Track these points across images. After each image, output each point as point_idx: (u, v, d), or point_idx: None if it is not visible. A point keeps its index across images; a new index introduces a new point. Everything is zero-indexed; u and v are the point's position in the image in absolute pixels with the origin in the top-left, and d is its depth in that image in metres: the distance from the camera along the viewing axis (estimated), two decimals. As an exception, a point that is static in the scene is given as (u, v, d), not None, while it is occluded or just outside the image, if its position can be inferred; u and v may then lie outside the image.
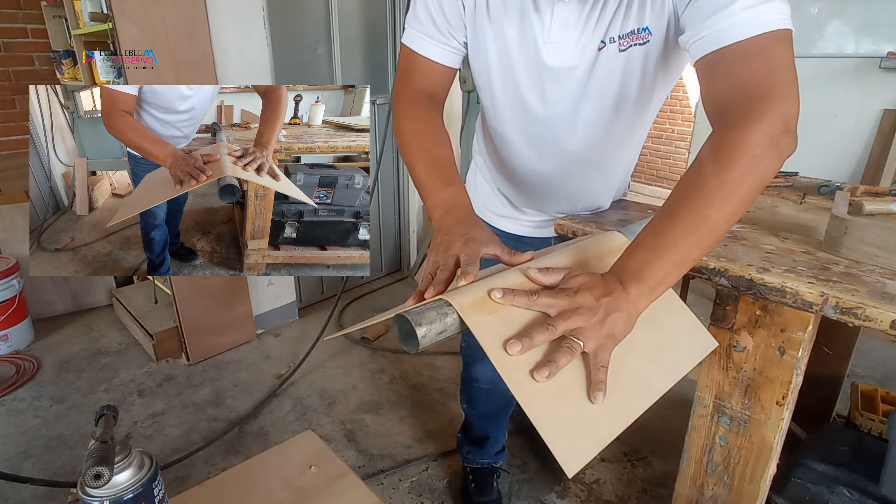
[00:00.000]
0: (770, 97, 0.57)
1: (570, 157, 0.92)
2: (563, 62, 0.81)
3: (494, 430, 1.45)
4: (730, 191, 0.55)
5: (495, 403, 1.38)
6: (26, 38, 2.82)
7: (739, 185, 0.55)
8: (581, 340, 0.53)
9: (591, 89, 0.82)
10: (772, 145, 0.56)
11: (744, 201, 0.57)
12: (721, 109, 0.61)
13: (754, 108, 0.57)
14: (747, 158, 0.56)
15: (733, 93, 0.60)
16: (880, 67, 2.40)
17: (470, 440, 1.48)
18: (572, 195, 1.02)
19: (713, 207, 0.55)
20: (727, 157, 0.56)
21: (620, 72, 0.80)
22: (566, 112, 0.86)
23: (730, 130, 0.58)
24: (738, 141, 0.56)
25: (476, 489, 1.47)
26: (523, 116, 0.90)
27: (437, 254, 0.65)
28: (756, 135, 0.56)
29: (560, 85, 0.83)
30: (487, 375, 1.32)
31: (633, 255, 0.58)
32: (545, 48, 0.81)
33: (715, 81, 0.63)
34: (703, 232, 0.56)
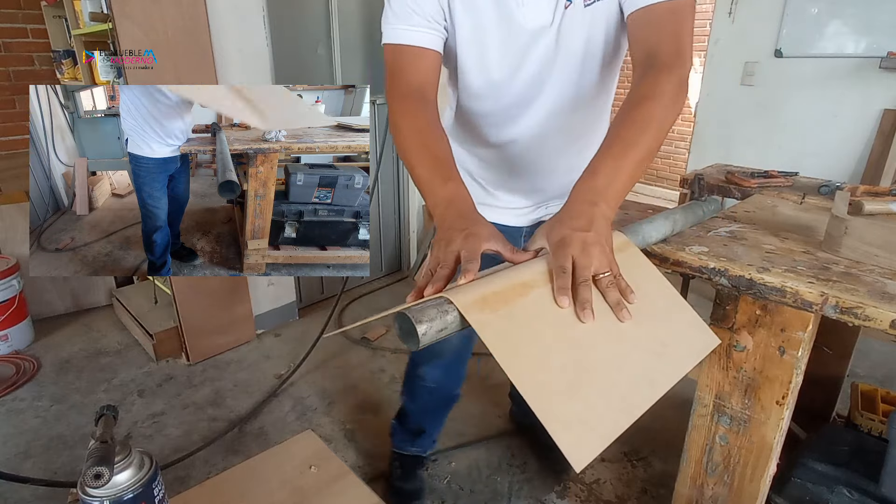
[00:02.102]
0: (682, 53, 0.75)
1: (541, 121, 0.94)
2: (538, 22, 0.83)
3: (431, 425, 1.49)
4: (662, 122, 0.71)
5: (437, 402, 1.43)
6: (26, 38, 2.82)
7: (666, 118, 0.72)
8: (589, 267, 0.60)
9: (561, 47, 0.86)
10: (682, 89, 0.73)
11: (667, 130, 0.73)
12: (648, 55, 0.76)
13: (672, 60, 0.74)
14: (670, 98, 0.72)
15: (659, 44, 0.75)
16: (880, 67, 2.40)
17: (404, 430, 1.50)
18: (546, 168, 1.02)
19: (651, 136, 0.70)
20: (660, 96, 0.71)
21: (587, 28, 0.84)
22: (538, 74, 0.88)
23: (659, 75, 0.73)
24: (664, 83, 0.72)
25: (401, 475, 1.50)
26: (497, 85, 0.91)
27: (438, 250, 0.65)
28: (676, 79, 0.73)
29: (533, 46, 0.86)
30: (435, 376, 1.35)
31: (597, 177, 0.68)
32: (520, 10, 0.83)
33: (644, 31, 0.78)
34: (645, 154, 0.70)
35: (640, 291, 0.62)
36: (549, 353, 0.55)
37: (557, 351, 0.56)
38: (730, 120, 3.01)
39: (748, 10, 2.81)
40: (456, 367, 1.38)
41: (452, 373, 1.39)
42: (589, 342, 0.57)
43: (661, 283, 0.71)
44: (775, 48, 2.74)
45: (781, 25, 2.70)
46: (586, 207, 0.64)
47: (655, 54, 0.75)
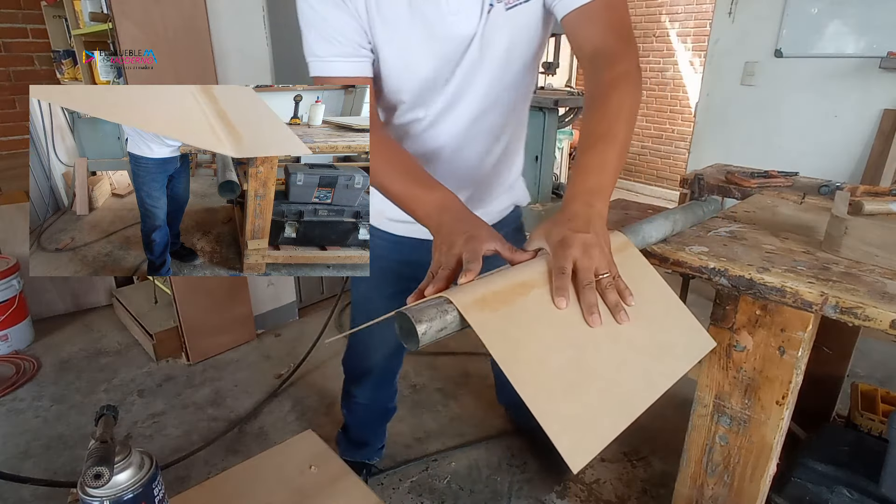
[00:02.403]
0: (629, 41, 0.78)
1: (468, 124, 0.93)
2: (468, 29, 0.83)
3: (372, 437, 1.53)
4: (630, 110, 0.74)
5: (372, 416, 1.48)
6: (26, 38, 2.82)
7: (632, 105, 0.74)
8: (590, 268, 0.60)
9: (486, 52, 0.85)
10: (638, 74, 0.76)
11: (636, 116, 0.75)
12: (596, 51, 0.78)
13: (623, 49, 0.76)
14: (632, 84, 0.74)
15: (605, 39, 0.77)
16: (880, 67, 2.40)
17: (348, 441, 1.53)
18: (473, 170, 1.01)
19: (624, 125, 0.72)
20: (622, 85, 0.74)
21: (508, 31, 0.84)
22: (466, 78, 0.88)
23: (613, 65, 0.75)
24: (622, 72, 0.74)
25: None
26: (424, 95, 0.90)
27: (440, 253, 0.65)
28: (631, 66, 0.75)
29: (463, 52, 0.85)
30: (366, 394, 1.40)
31: (587, 177, 0.70)
32: (450, 19, 0.82)
33: (587, 29, 0.79)
34: (623, 145, 0.72)
35: (638, 293, 0.62)
36: (548, 353, 0.55)
37: (556, 351, 0.56)
38: (730, 120, 3.01)
39: (748, 10, 2.81)
40: (385, 384, 1.42)
41: (382, 390, 1.43)
42: (587, 343, 0.57)
43: (658, 285, 0.71)
44: (775, 48, 2.74)
45: (781, 25, 2.70)
46: (583, 209, 0.65)
47: (603, 48, 0.77)
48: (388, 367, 1.37)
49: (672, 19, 4.69)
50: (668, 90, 4.87)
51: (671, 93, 4.86)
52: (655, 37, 4.82)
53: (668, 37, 4.75)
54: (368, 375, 1.36)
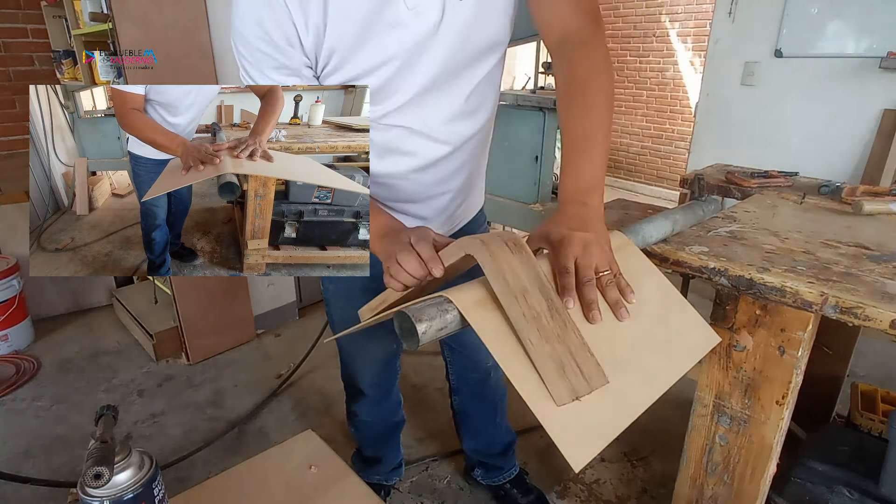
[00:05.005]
0: (598, 21, 0.78)
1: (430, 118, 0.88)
2: (428, 21, 0.76)
3: (386, 452, 1.50)
4: (608, 97, 0.74)
5: (379, 432, 1.45)
6: (26, 38, 2.82)
7: (609, 91, 0.74)
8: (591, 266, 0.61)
9: (444, 43, 0.78)
10: (609, 57, 0.77)
11: (613, 101, 0.75)
12: (565, 35, 0.78)
13: (593, 31, 0.76)
14: (606, 69, 0.75)
15: (573, 22, 0.77)
16: (880, 67, 2.40)
17: (362, 460, 1.51)
18: (442, 176, 0.95)
19: (605, 114, 0.73)
20: (597, 71, 0.74)
21: (464, 21, 0.77)
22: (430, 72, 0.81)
23: (585, 51, 0.75)
24: (595, 57, 0.75)
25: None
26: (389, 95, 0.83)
27: (392, 265, 0.66)
28: (603, 50, 0.76)
29: (423, 46, 0.78)
30: (368, 411, 1.38)
31: (579, 176, 0.70)
32: (410, 13, 0.75)
33: (553, 14, 0.78)
34: (607, 133, 0.73)
35: (639, 290, 0.62)
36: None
37: None
38: (730, 120, 3.01)
39: (748, 10, 2.81)
40: (384, 399, 1.40)
41: (383, 404, 1.41)
42: (588, 342, 0.57)
43: (660, 282, 0.71)
44: (775, 48, 2.74)
45: (781, 25, 2.69)
46: (579, 209, 0.67)
47: (573, 32, 0.77)
48: (381, 383, 1.34)
49: (672, 19, 4.69)
50: (668, 90, 4.86)
51: (671, 93, 4.86)
52: (655, 37, 4.82)
53: (668, 37, 4.75)
54: (364, 393, 1.34)
